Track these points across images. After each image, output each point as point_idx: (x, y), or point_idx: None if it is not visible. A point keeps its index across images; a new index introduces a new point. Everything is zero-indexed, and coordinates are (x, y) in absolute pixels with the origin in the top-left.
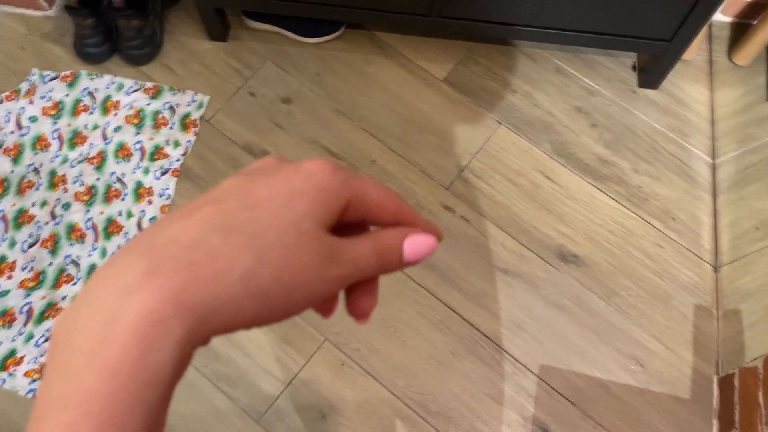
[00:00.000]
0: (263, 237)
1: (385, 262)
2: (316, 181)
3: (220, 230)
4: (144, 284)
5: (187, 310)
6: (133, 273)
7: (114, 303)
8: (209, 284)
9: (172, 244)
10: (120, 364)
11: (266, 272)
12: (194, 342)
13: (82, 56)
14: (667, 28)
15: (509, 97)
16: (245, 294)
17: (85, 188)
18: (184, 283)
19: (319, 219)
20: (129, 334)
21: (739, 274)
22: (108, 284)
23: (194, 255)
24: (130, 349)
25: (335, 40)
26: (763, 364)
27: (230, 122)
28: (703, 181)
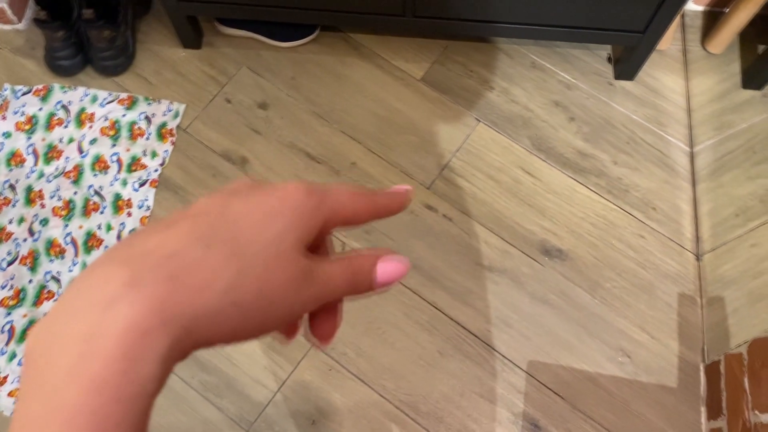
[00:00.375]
0: (243, 252)
1: (356, 285)
2: (291, 201)
3: (200, 242)
4: (126, 295)
5: (172, 321)
6: (113, 284)
7: (95, 315)
8: (192, 295)
9: (152, 255)
10: (106, 378)
11: (247, 286)
12: (177, 354)
13: (55, 69)
14: (639, 19)
15: (487, 94)
16: (226, 307)
17: (63, 203)
18: (168, 294)
19: (295, 239)
20: (113, 347)
21: (721, 262)
22: (87, 296)
23: (176, 266)
24: (116, 363)
25: (310, 44)
26: (747, 350)
27: (207, 130)
28: (681, 170)
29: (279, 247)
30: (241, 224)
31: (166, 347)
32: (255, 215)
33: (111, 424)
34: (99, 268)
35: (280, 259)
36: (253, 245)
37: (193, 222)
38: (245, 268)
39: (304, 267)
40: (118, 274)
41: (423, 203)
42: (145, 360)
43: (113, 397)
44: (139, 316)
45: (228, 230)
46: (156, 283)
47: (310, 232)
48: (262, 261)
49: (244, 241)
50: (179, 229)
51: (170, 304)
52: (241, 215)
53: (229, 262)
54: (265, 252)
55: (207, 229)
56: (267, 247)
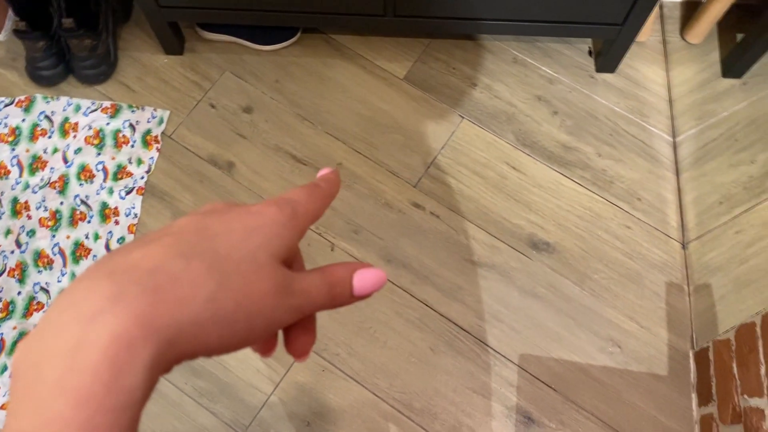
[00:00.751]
0: (223, 265)
1: (335, 296)
2: (267, 218)
3: (181, 257)
4: (110, 308)
5: (155, 333)
6: (97, 297)
7: (80, 328)
8: (175, 307)
9: (135, 269)
10: (93, 389)
11: (228, 298)
12: (161, 365)
13: (36, 80)
14: (618, 12)
15: (470, 91)
16: (210, 318)
17: (50, 213)
18: (151, 306)
19: (273, 252)
20: (99, 358)
21: (707, 249)
22: (72, 310)
23: (158, 279)
24: (102, 374)
25: (292, 46)
26: (735, 335)
27: (192, 136)
28: (665, 160)
29: (257, 261)
30: (220, 240)
31: (151, 358)
32: (233, 231)
33: None
34: (83, 283)
35: (259, 272)
36: (232, 259)
37: (174, 238)
38: (225, 280)
39: (283, 279)
40: (102, 287)
41: (410, 201)
42: (130, 371)
43: (100, 408)
44: (123, 328)
45: (208, 245)
46: (139, 295)
47: (287, 245)
48: (241, 274)
49: (224, 255)
50: (161, 244)
51: (153, 316)
52: (219, 231)
53: (210, 275)
54: (244, 265)
55: (187, 244)
56: (245, 261)
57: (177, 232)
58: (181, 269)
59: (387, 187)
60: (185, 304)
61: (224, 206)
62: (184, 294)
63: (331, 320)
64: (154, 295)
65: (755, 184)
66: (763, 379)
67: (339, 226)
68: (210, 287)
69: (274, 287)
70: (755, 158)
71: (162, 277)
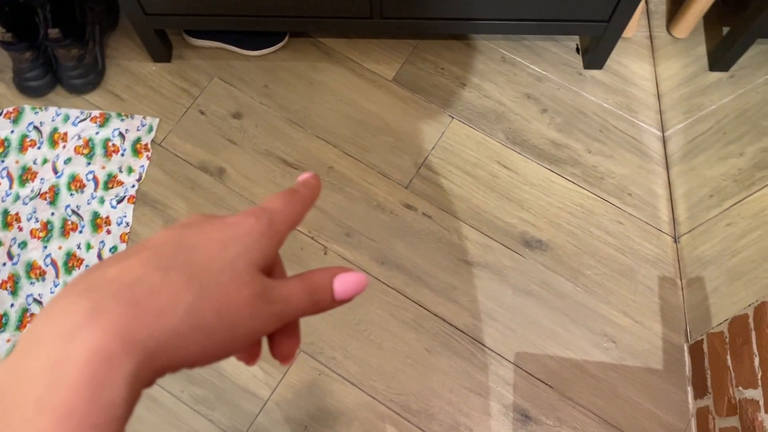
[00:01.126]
0: (201, 276)
1: (316, 301)
2: (243, 228)
3: (158, 270)
4: (88, 323)
5: (135, 346)
6: (75, 313)
7: (59, 345)
8: (154, 320)
9: (112, 283)
10: (73, 406)
11: (208, 308)
12: (143, 379)
13: (24, 91)
14: (603, 8)
15: (459, 91)
16: (190, 329)
17: (41, 224)
18: (129, 320)
19: (252, 262)
20: (78, 374)
21: (699, 242)
22: (50, 328)
23: (136, 293)
24: (82, 390)
25: (280, 51)
26: (728, 328)
27: (182, 143)
28: (655, 154)
29: (236, 271)
30: (198, 251)
31: (131, 371)
32: (210, 243)
33: None
34: (61, 300)
35: (238, 281)
36: (210, 270)
37: (151, 252)
38: (204, 291)
39: (262, 287)
40: (80, 304)
41: (402, 203)
42: (111, 385)
43: (82, 425)
44: (102, 343)
45: (185, 257)
46: (117, 310)
47: (265, 254)
48: (220, 284)
49: (202, 266)
50: (137, 258)
51: (133, 330)
52: (197, 243)
53: (188, 287)
54: (223, 275)
55: (165, 258)
56: (224, 271)
57: (154, 246)
58: (159, 282)
59: (378, 189)
60: (164, 316)
61: (202, 218)
62: (163, 306)
63: (326, 324)
64: (132, 308)
65: (745, 176)
66: (757, 371)
67: (331, 230)
68: (189, 299)
69: (253, 296)
70: (744, 150)
71: (140, 290)
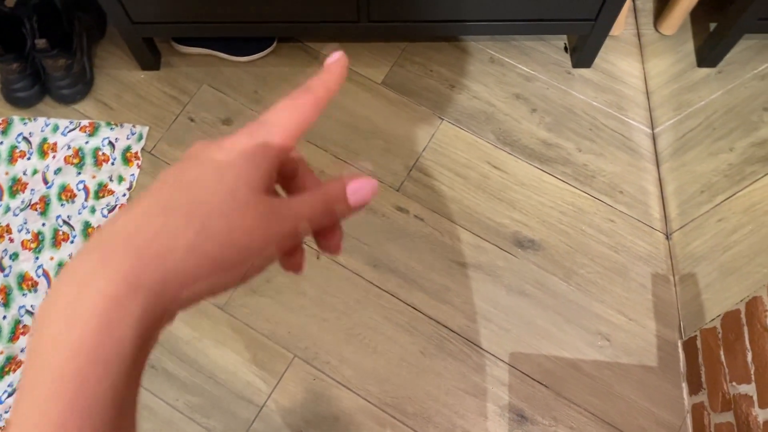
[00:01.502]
0: (201, 211)
1: (331, 210)
2: (238, 151)
3: (159, 213)
4: (98, 272)
5: (141, 288)
6: (88, 264)
7: (75, 291)
8: (157, 262)
9: (119, 235)
10: (84, 342)
11: (211, 241)
12: (155, 318)
13: (12, 102)
14: (590, 7)
15: (448, 92)
16: (194, 264)
17: (32, 235)
18: (133, 265)
19: (252, 184)
20: (89, 315)
21: (691, 239)
22: (68, 278)
23: (139, 240)
24: (93, 328)
25: (269, 56)
26: (720, 323)
27: (172, 150)
28: (645, 152)
29: (237, 199)
30: (196, 186)
31: (140, 311)
32: (207, 174)
33: (91, 384)
34: (77, 256)
35: (241, 209)
36: (209, 204)
37: (153, 196)
38: (205, 226)
39: (268, 207)
40: (92, 256)
41: (394, 205)
42: (119, 325)
43: (91, 359)
44: (111, 287)
45: (184, 195)
46: (123, 257)
47: (265, 173)
48: (222, 215)
49: (201, 201)
50: (140, 205)
51: (138, 274)
52: (194, 177)
53: (188, 224)
54: (224, 206)
55: (165, 200)
56: (225, 201)
57: (156, 189)
58: (160, 225)
59: None
60: (166, 257)
61: (201, 147)
62: (164, 248)
63: (321, 329)
64: (136, 254)
65: (735, 171)
66: (750, 366)
67: None
68: (189, 236)
69: (259, 219)
70: (734, 146)
71: (143, 236)
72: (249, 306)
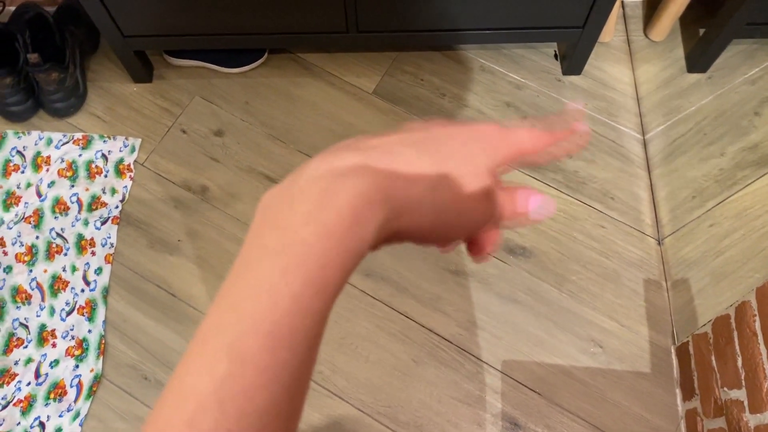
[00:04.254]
0: (445, 162)
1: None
2: (484, 132)
3: (412, 147)
4: (358, 171)
5: (388, 200)
6: (348, 161)
7: (332, 179)
8: (406, 185)
9: (377, 149)
10: (335, 226)
11: (446, 190)
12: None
13: (6, 116)
14: (578, 15)
15: (439, 101)
16: (429, 202)
17: (26, 248)
18: (388, 179)
19: (487, 161)
20: (345, 205)
21: (682, 244)
22: (323, 166)
23: (395, 159)
24: (345, 217)
25: (260, 67)
26: (711, 328)
27: (165, 162)
28: (636, 158)
29: (473, 165)
30: (444, 142)
31: (382, 219)
32: (453, 138)
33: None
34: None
35: (473, 175)
36: (452, 159)
37: (406, 135)
38: (445, 175)
39: (489, 187)
40: (352, 155)
41: None
42: (365, 223)
43: (337, 245)
44: (366, 188)
45: (433, 144)
46: (381, 168)
47: (498, 159)
48: (458, 174)
49: (446, 154)
50: (395, 136)
51: (389, 187)
52: (443, 136)
53: (434, 168)
54: (462, 168)
55: (416, 140)
56: (463, 164)
57: (407, 131)
58: (412, 157)
59: None
60: (413, 185)
61: (447, 121)
62: (413, 176)
63: None
64: (391, 170)
65: (726, 176)
66: (741, 371)
67: None
68: (433, 177)
69: (481, 192)
70: (724, 150)
71: (398, 159)
72: None
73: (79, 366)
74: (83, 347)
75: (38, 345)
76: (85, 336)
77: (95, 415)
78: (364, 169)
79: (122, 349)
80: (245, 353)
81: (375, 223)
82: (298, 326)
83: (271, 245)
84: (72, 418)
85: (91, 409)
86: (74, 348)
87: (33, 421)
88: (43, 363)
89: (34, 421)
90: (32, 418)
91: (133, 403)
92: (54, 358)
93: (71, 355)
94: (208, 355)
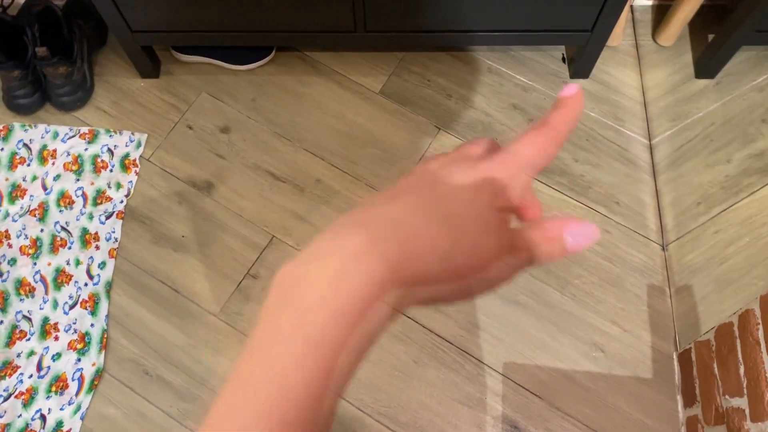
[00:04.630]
0: (455, 224)
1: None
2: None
3: (420, 214)
4: (370, 250)
5: (400, 279)
6: (359, 239)
7: (344, 261)
8: (417, 259)
9: (385, 222)
10: (349, 310)
11: (459, 255)
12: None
13: (13, 108)
14: (586, 18)
15: (445, 102)
16: (442, 272)
17: (30, 241)
18: (399, 255)
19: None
20: (359, 288)
21: (687, 250)
22: (335, 247)
23: (404, 232)
24: (358, 303)
25: (267, 65)
26: (714, 336)
27: (171, 158)
28: (642, 163)
29: (484, 220)
30: (451, 199)
31: (395, 299)
32: (462, 191)
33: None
34: (342, 228)
35: (486, 231)
36: (462, 218)
37: (412, 197)
38: (457, 239)
39: (507, 239)
40: (362, 232)
41: None
42: (379, 306)
43: (352, 330)
44: (379, 269)
45: (440, 205)
46: (392, 244)
47: (509, 202)
48: (470, 233)
49: (455, 215)
50: (401, 202)
51: (401, 265)
52: (448, 191)
53: (445, 234)
54: (473, 225)
55: (424, 204)
56: (474, 220)
57: (413, 191)
58: (421, 226)
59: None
60: (424, 258)
61: (447, 161)
62: (425, 249)
63: None
64: (402, 246)
65: (732, 183)
66: (743, 379)
67: None
68: (445, 246)
69: (497, 247)
70: (731, 157)
71: (407, 231)
72: (244, 314)
73: (81, 359)
74: (85, 341)
75: (41, 338)
76: (87, 330)
77: (96, 408)
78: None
79: (124, 343)
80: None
81: (388, 303)
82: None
83: (285, 327)
84: (73, 412)
85: (92, 403)
86: (76, 341)
87: (34, 414)
88: (45, 356)
89: (35, 414)
90: (33, 411)
91: (134, 397)
92: (56, 351)
93: (73, 349)
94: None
